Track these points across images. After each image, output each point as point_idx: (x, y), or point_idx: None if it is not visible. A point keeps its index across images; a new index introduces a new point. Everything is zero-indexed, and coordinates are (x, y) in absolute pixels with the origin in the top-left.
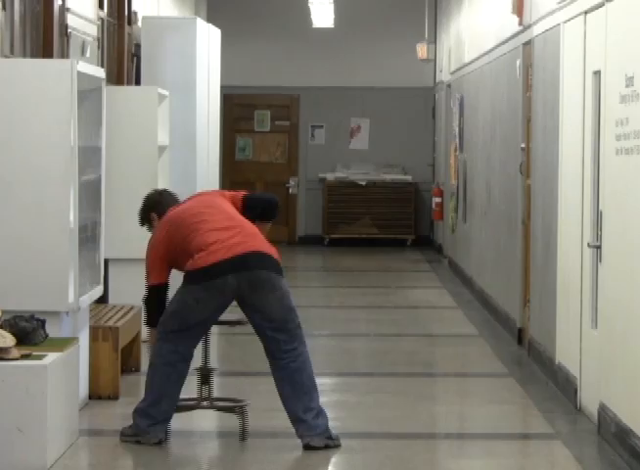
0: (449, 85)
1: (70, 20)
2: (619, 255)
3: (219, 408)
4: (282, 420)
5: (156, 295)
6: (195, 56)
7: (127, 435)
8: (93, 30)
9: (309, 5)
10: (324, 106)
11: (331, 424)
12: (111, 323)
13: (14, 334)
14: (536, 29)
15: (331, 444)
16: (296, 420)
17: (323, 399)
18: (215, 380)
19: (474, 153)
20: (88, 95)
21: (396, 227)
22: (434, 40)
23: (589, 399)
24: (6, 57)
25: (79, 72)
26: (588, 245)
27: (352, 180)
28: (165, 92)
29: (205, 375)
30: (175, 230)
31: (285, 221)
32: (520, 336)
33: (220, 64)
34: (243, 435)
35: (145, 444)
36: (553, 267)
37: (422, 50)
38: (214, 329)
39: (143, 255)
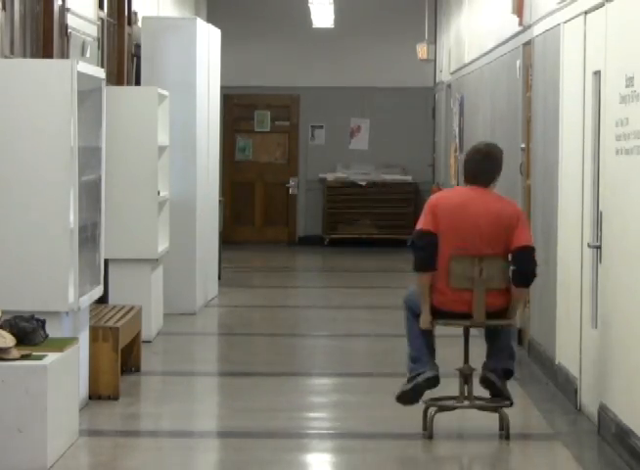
0: (449, 85)
1: (70, 20)
2: (619, 255)
3: (480, 408)
4: (281, 420)
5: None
6: (195, 56)
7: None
8: (93, 30)
9: (309, 5)
10: (324, 106)
11: (331, 424)
12: (111, 323)
13: (14, 334)
14: (536, 30)
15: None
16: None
17: (323, 400)
18: (216, 380)
19: None
20: (88, 95)
21: (396, 227)
22: (434, 40)
23: (589, 400)
24: (6, 57)
25: (79, 72)
26: (588, 245)
27: (352, 180)
28: (165, 92)
29: (467, 375)
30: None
31: (285, 222)
32: (520, 336)
33: (220, 64)
34: (506, 434)
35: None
36: (553, 267)
37: (422, 50)
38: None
39: (142, 255)
